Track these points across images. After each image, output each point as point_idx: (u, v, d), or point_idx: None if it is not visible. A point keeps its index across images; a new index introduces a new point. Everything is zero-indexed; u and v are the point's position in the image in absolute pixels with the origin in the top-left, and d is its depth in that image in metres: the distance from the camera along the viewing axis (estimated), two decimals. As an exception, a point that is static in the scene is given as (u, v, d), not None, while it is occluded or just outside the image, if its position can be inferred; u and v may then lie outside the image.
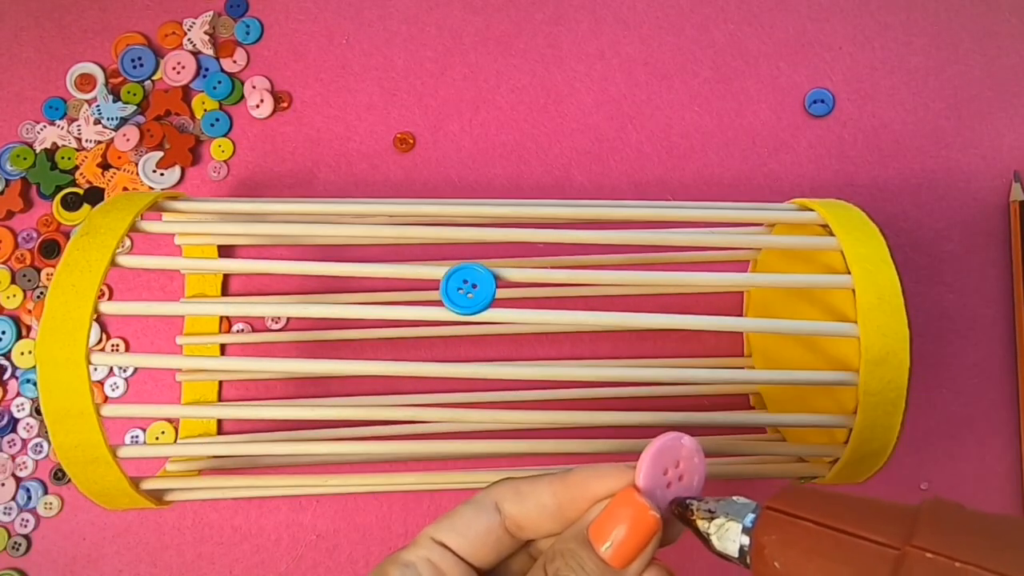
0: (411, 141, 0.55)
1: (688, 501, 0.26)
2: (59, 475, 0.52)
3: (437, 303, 0.35)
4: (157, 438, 0.52)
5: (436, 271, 0.35)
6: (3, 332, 0.53)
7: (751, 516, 0.25)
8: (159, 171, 0.54)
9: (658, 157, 0.54)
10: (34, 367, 0.52)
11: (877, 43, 0.55)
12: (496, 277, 0.35)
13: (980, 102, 0.54)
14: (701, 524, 0.26)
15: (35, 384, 0.53)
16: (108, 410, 0.36)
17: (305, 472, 0.45)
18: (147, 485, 0.39)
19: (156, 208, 0.41)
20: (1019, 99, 0.54)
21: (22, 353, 0.53)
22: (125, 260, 0.37)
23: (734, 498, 0.26)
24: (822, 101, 0.54)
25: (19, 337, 0.53)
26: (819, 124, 0.55)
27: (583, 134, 0.55)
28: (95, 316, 0.35)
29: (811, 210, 0.41)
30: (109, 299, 0.53)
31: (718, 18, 0.56)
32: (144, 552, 0.52)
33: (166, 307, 0.40)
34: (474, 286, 0.34)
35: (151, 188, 0.54)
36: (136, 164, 0.55)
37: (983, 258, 0.53)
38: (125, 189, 0.55)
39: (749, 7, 0.56)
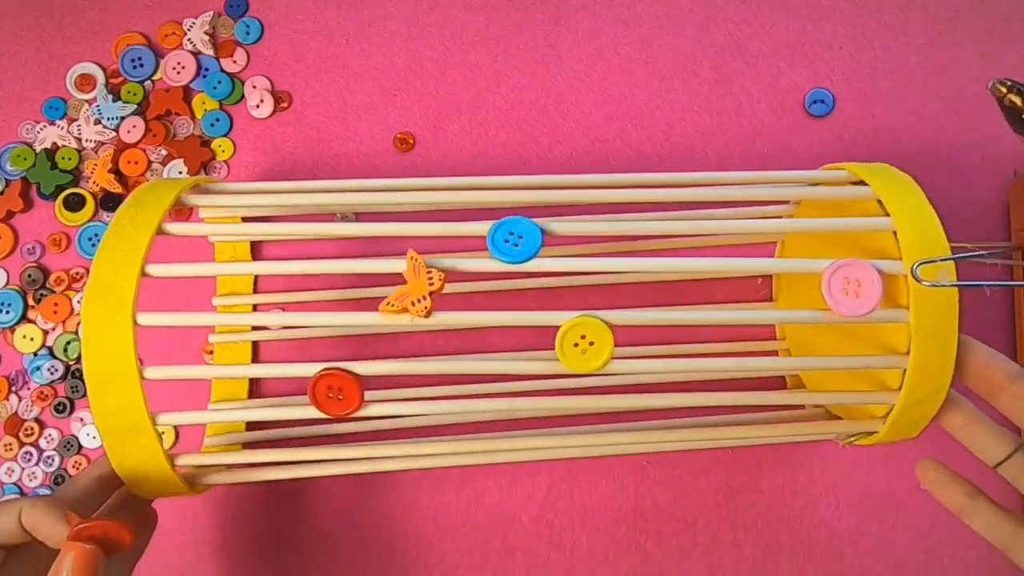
0: (411, 141, 0.55)
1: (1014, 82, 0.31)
2: (59, 480, 0.52)
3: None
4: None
5: (482, 227, 0.36)
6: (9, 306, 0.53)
7: None
8: (183, 178, 0.54)
9: (658, 157, 0.54)
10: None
11: (877, 43, 0.55)
12: (542, 230, 0.35)
13: (980, 102, 0.54)
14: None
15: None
16: (151, 372, 0.36)
17: (355, 441, 0.44)
18: (184, 461, 0.38)
19: (197, 190, 0.41)
20: (1019, 99, 0.54)
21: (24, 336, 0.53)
22: (171, 227, 0.38)
23: None
24: (822, 101, 0.54)
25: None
26: (819, 124, 0.55)
27: (583, 134, 0.55)
28: (141, 279, 0.35)
29: (861, 181, 0.41)
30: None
31: (718, 18, 0.56)
32: (144, 552, 0.52)
33: (207, 268, 0.40)
34: (520, 237, 0.35)
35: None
36: (159, 165, 0.55)
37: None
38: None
39: (749, 7, 0.56)
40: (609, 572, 0.51)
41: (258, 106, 0.55)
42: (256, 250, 0.54)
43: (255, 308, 0.53)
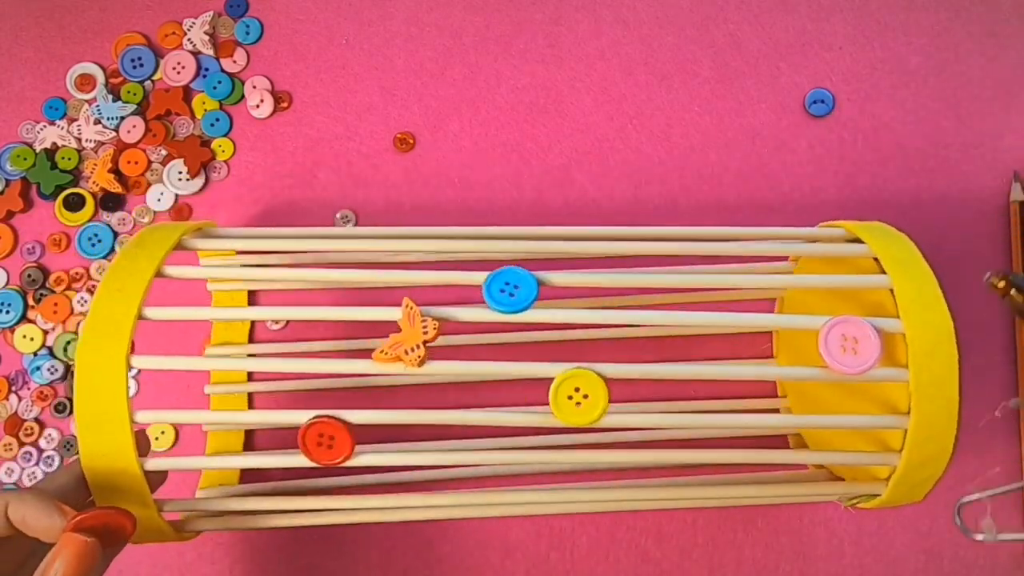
0: (411, 141, 0.55)
1: (1014, 276, 0.30)
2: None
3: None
4: (156, 438, 0.52)
5: (478, 276, 0.35)
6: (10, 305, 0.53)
7: None
8: (184, 178, 0.54)
9: (658, 157, 0.54)
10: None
11: (877, 43, 0.55)
12: (538, 281, 0.35)
13: (980, 102, 0.54)
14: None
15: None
16: (142, 416, 0.35)
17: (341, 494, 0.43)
18: (172, 507, 0.38)
19: (199, 234, 0.41)
20: (1019, 99, 0.54)
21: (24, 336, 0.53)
22: (171, 271, 0.37)
23: None
24: (822, 101, 0.54)
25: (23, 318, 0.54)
26: (819, 124, 0.55)
27: (583, 134, 0.55)
28: (138, 320, 0.35)
29: (858, 239, 0.40)
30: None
31: (718, 18, 0.56)
32: (144, 553, 0.51)
33: (201, 312, 0.40)
34: (516, 287, 0.35)
35: (176, 195, 0.54)
36: (159, 165, 0.55)
37: (983, 258, 0.53)
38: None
39: (749, 7, 0.56)
40: (609, 572, 0.51)
41: (258, 106, 0.55)
42: (253, 297, 0.53)
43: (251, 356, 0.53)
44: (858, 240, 0.40)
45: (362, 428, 0.35)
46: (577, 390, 0.34)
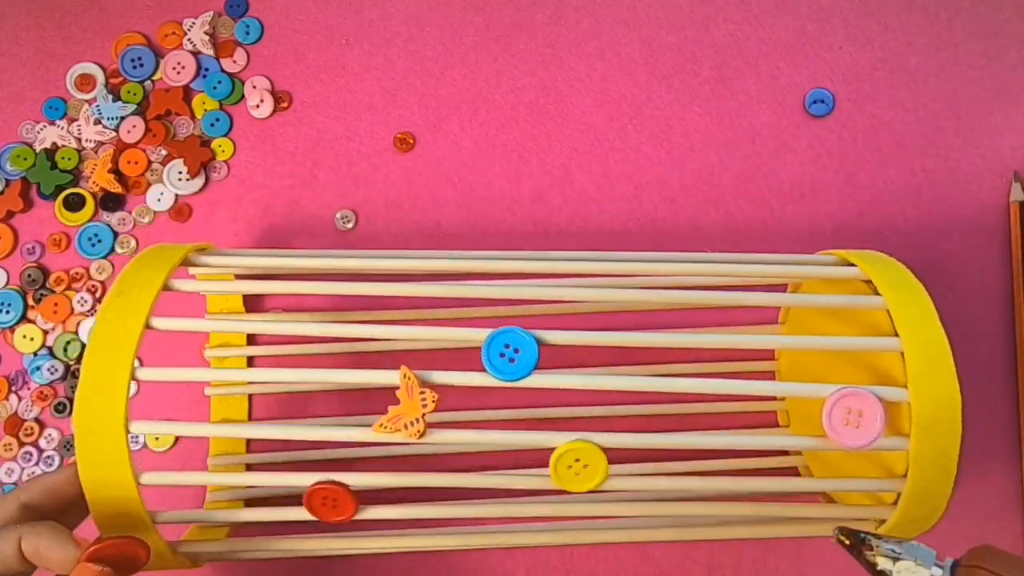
0: (411, 141, 0.55)
1: (867, 536, 0.29)
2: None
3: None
4: (156, 438, 0.52)
5: (477, 334, 0.35)
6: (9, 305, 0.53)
7: (939, 567, 0.27)
8: (184, 178, 0.54)
9: (658, 157, 0.54)
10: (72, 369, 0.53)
11: (877, 43, 0.55)
12: (538, 341, 0.35)
13: (980, 102, 0.54)
14: (882, 562, 0.28)
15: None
16: (147, 478, 0.36)
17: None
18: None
19: (186, 263, 0.41)
20: (1019, 99, 0.54)
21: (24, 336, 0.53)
22: (159, 323, 0.37)
23: (915, 543, 0.28)
24: (822, 101, 0.54)
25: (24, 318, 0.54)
26: (819, 124, 0.55)
27: (583, 134, 0.55)
28: (133, 377, 0.36)
29: (851, 264, 0.41)
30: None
31: (718, 18, 0.56)
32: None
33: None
34: (516, 351, 0.34)
35: (176, 195, 0.54)
36: (159, 165, 0.55)
37: (983, 258, 0.53)
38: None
39: (749, 7, 0.56)
40: (609, 572, 0.51)
41: (258, 106, 0.55)
42: (256, 301, 0.54)
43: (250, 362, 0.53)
44: (851, 265, 0.41)
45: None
46: (577, 460, 0.35)
